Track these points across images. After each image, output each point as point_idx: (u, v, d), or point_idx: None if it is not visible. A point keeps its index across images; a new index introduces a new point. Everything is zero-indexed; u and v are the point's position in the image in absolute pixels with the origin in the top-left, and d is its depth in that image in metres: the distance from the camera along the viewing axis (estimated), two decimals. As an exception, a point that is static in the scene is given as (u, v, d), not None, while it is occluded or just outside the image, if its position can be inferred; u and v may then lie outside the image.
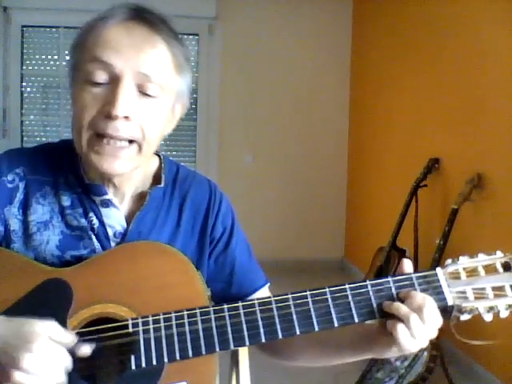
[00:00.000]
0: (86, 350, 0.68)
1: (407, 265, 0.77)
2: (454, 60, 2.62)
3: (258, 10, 3.95)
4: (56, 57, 3.85)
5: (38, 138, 3.94)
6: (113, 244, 0.83)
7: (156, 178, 0.89)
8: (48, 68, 3.87)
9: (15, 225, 0.81)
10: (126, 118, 0.74)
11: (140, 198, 0.87)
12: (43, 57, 3.86)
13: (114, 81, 0.74)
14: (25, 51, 3.83)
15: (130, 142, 0.77)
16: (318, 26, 4.04)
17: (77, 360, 0.67)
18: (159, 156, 0.92)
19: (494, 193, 2.26)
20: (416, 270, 0.77)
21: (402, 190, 2.79)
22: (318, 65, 4.06)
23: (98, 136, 0.75)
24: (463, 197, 2.29)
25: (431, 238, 2.52)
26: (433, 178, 2.71)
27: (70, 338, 0.67)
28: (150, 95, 0.77)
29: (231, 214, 0.93)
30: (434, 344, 2.07)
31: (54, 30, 3.83)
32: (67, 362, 0.65)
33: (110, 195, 0.84)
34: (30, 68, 3.86)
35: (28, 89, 3.90)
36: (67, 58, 0.82)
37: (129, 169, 0.79)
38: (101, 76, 0.74)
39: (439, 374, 2.15)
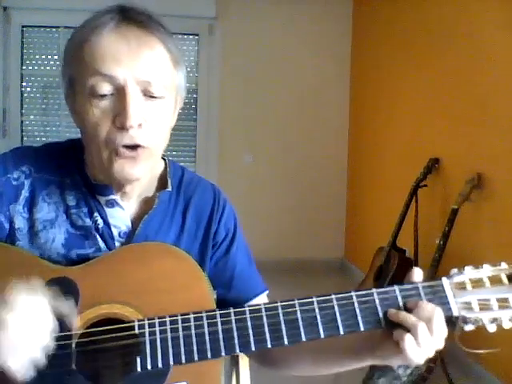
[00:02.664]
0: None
1: (417, 274, 0.77)
2: (453, 60, 2.62)
3: (258, 10, 3.95)
4: (56, 57, 3.85)
5: (38, 138, 3.94)
6: (117, 244, 0.84)
7: (161, 182, 0.90)
8: (48, 68, 3.87)
9: (20, 222, 0.81)
10: (139, 125, 0.75)
11: (145, 201, 0.87)
12: (43, 57, 3.86)
13: (119, 91, 0.74)
14: (25, 51, 3.83)
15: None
16: (318, 26, 4.04)
17: (82, 360, 0.66)
18: (164, 159, 0.93)
19: (493, 193, 2.26)
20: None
21: (402, 190, 2.79)
22: (318, 65, 4.06)
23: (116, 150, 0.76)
24: (463, 197, 2.29)
25: (431, 237, 2.52)
26: (433, 178, 2.71)
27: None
28: (156, 97, 0.77)
29: (234, 220, 0.94)
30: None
31: (53, 29, 3.83)
32: (50, 324, 0.63)
33: (115, 195, 0.84)
34: (30, 68, 3.86)
35: (28, 89, 3.89)
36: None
37: (146, 171, 0.80)
38: (105, 88, 0.74)
39: (439, 374, 2.15)
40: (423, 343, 0.70)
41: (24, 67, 3.84)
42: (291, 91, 4.04)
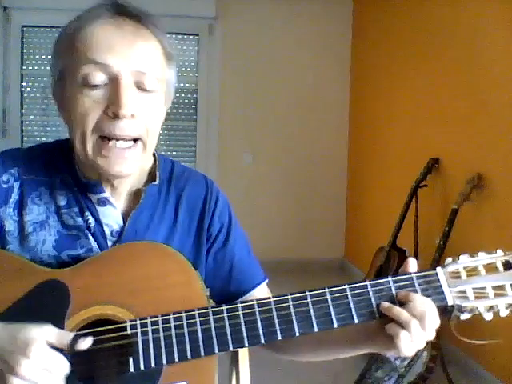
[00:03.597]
0: (86, 343, 0.67)
1: (412, 265, 0.77)
2: (453, 60, 2.62)
3: (258, 10, 3.95)
4: (56, 57, 3.84)
5: (38, 138, 3.94)
6: (110, 243, 0.83)
7: (151, 176, 0.89)
8: (48, 68, 3.84)
9: (10, 226, 0.80)
10: (132, 115, 0.74)
11: (135, 195, 0.86)
12: (43, 57, 3.86)
13: (113, 80, 0.73)
14: (25, 51, 3.83)
15: (135, 140, 0.77)
16: (318, 26, 4.04)
17: (75, 362, 0.66)
18: (154, 154, 0.92)
19: (493, 193, 2.26)
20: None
21: (402, 190, 2.79)
22: (318, 65, 4.06)
23: (102, 139, 0.75)
24: (463, 197, 2.29)
25: (431, 237, 2.52)
26: (433, 178, 2.71)
27: (66, 337, 0.66)
28: (148, 90, 0.76)
29: (228, 210, 0.93)
30: (434, 344, 2.07)
31: (53, 29, 3.82)
32: (65, 368, 0.65)
33: (107, 193, 0.83)
34: (30, 68, 3.86)
35: (28, 89, 3.89)
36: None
37: (135, 169, 0.79)
38: (98, 78, 0.73)
39: (439, 374, 2.15)
40: (416, 338, 0.70)
41: (24, 67, 3.83)
42: (291, 91, 4.03)
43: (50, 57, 0.82)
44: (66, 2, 3.69)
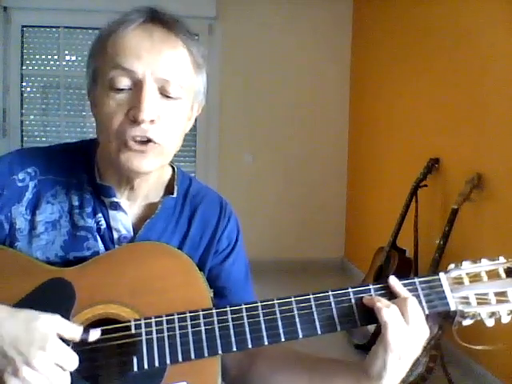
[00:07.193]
0: (95, 335, 0.69)
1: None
2: (454, 60, 2.62)
3: (258, 10, 3.95)
4: (56, 57, 3.85)
5: (37, 138, 3.94)
6: (117, 247, 0.83)
7: (168, 189, 0.90)
8: (48, 68, 3.87)
9: (21, 224, 0.81)
10: (152, 121, 0.75)
11: (150, 207, 0.87)
12: (43, 57, 3.86)
13: (137, 86, 0.75)
14: (25, 51, 3.83)
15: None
16: (318, 26, 4.04)
17: (79, 360, 0.67)
18: (173, 167, 0.93)
19: (493, 193, 2.26)
20: (416, 272, 0.76)
21: (402, 190, 2.79)
22: (318, 65, 4.06)
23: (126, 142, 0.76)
24: (463, 197, 2.29)
25: (431, 238, 2.52)
26: (433, 178, 2.71)
27: (76, 329, 0.68)
28: (172, 97, 0.78)
29: (236, 232, 0.94)
30: (434, 344, 2.07)
31: (54, 29, 3.83)
32: (75, 365, 0.66)
33: (119, 198, 0.84)
34: (30, 68, 3.86)
35: (28, 89, 3.89)
36: (67, 57, 0.82)
37: (155, 166, 0.80)
38: (123, 82, 0.75)
39: (439, 374, 2.15)
40: (401, 326, 0.70)
41: (24, 67, 3.84)
42: (291, 91, 4.03)
43: (49, 57, 0.83)
44: (65, 2, 3.71)
